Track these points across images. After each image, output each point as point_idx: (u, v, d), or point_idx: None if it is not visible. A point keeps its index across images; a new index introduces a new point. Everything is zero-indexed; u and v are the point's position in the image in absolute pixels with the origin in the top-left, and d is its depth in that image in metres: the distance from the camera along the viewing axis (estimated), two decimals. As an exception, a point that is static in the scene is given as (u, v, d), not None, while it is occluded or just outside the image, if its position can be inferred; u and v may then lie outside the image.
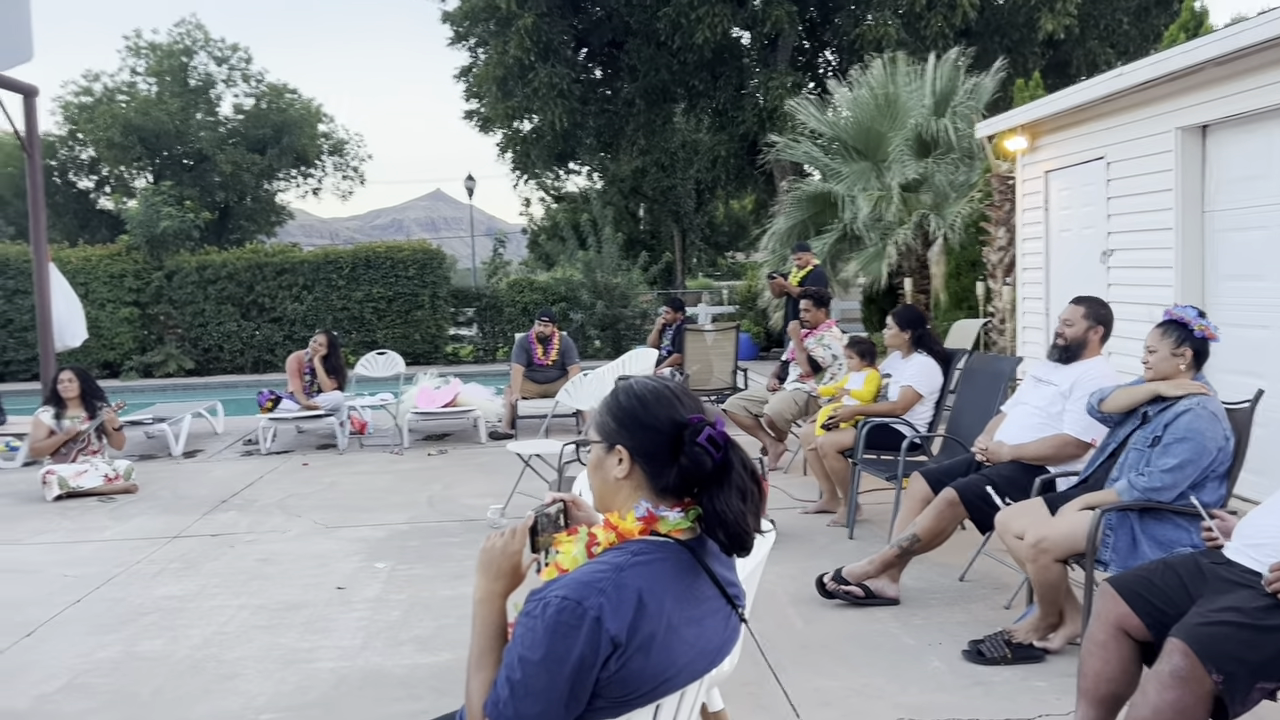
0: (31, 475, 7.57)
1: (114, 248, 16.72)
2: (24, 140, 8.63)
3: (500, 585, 1.74)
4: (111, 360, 15.96)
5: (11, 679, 3.73)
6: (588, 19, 20.86)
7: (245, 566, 5.16)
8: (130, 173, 27.06)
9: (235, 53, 26.78)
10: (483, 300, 17.61)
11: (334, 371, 8.92)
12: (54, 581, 4.96)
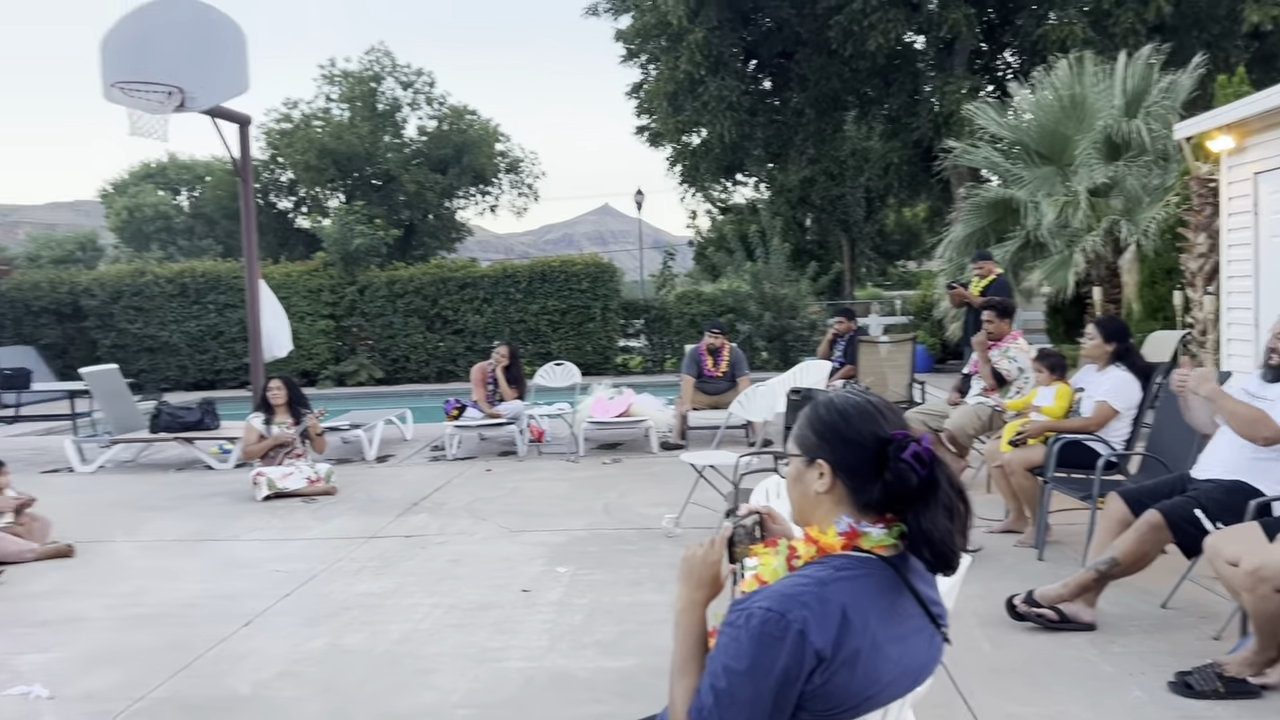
0: (243, 476, 8.18)
1: (311, 264, 17.89)
2: (238, 165, 9.36)
3: (701, 594, 1.78)
4: (309, 369, 17.03)
5: (234, 665, 4.05)
6: (757, 31, 20.86)
7: (437, 567, 5.41)
8: (324, 193, 28.82)
9: (420, 77, 28.12)
10: (651, 312, 17.85)
11: (515, 381, 9.25)
12: (266, 576, 5.35)
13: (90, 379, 9.29)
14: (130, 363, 16.57)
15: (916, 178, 22.48)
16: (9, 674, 3.99)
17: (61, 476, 8.73)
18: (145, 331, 17.52)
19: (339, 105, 27.76)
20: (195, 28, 8.16)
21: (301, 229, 29.07)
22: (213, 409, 9.15)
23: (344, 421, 9.50)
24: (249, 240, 9.57)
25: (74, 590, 5.17)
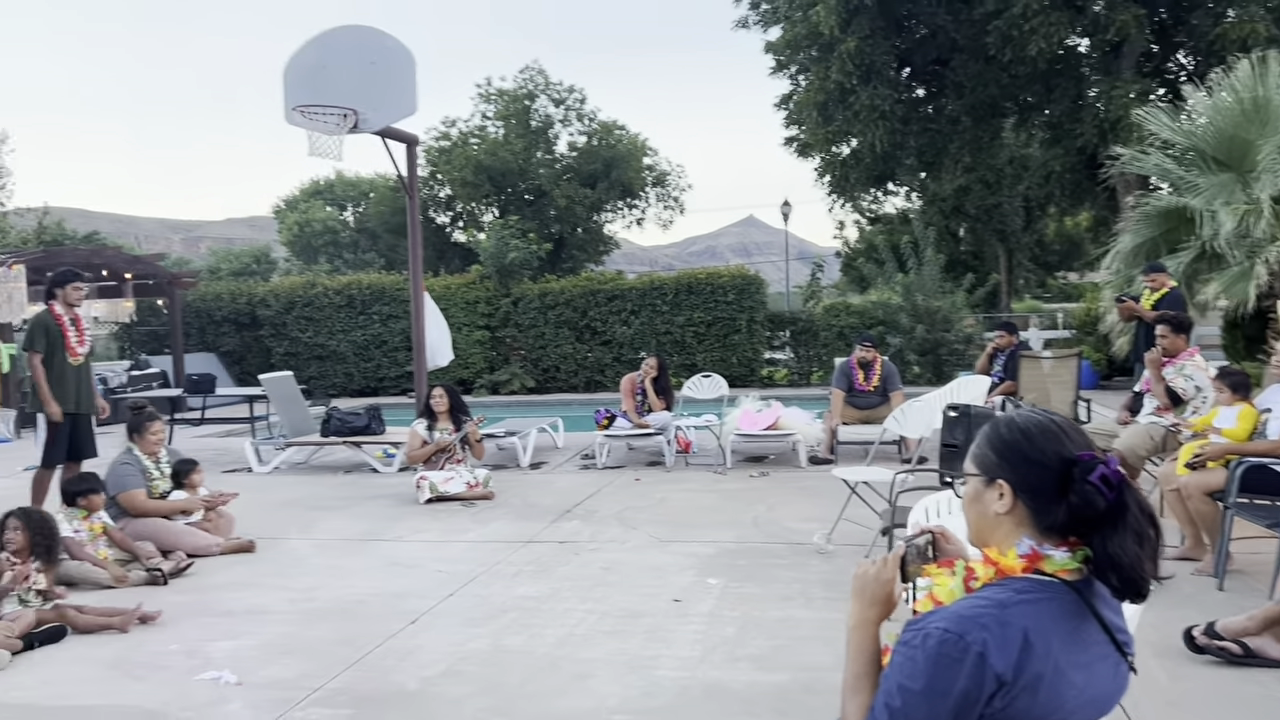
0: (406, 479, 8.55)
1: (469, 276, 18.54)
2: (405, 183, 9.81)
3: (874, 612, 1.78)
4: (465, 378, 17.63)
5: (402, 661, 4.24)
6: (911, 39, 20.45)
7: (590, 573, 5.53)
8: (479, 208, 29.82)
9: (571, 94, 28.78)
10: (798, 324, 17.70)
11: (663, 392, 9.35)
12: (430, 576, 5.58)
13: (268, 385, 9.90)
14: (301, 370, 17.54)
15: (1080, 186, 21.54)
16: (201, 659, 4.30)
17: (241, 476, 9.33)
18: (315, 340, 18.51)
19: (494, 123, 28.67)
20: (369, 53, 8.62)
21: (458, 243, 30.15)
22: (379, 415, 9.59)
23: (500, 429, 9.80)
24: (414, 254, 10.00)
25: (256, 584, 5.53)
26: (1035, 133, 21.78)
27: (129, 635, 4.65)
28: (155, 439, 6.41)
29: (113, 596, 5.22)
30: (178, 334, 16.97)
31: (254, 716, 3.68)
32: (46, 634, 4.56)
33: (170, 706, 3.80)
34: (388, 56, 8.62)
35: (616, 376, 17.39)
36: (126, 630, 4.66)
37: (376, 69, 8.56)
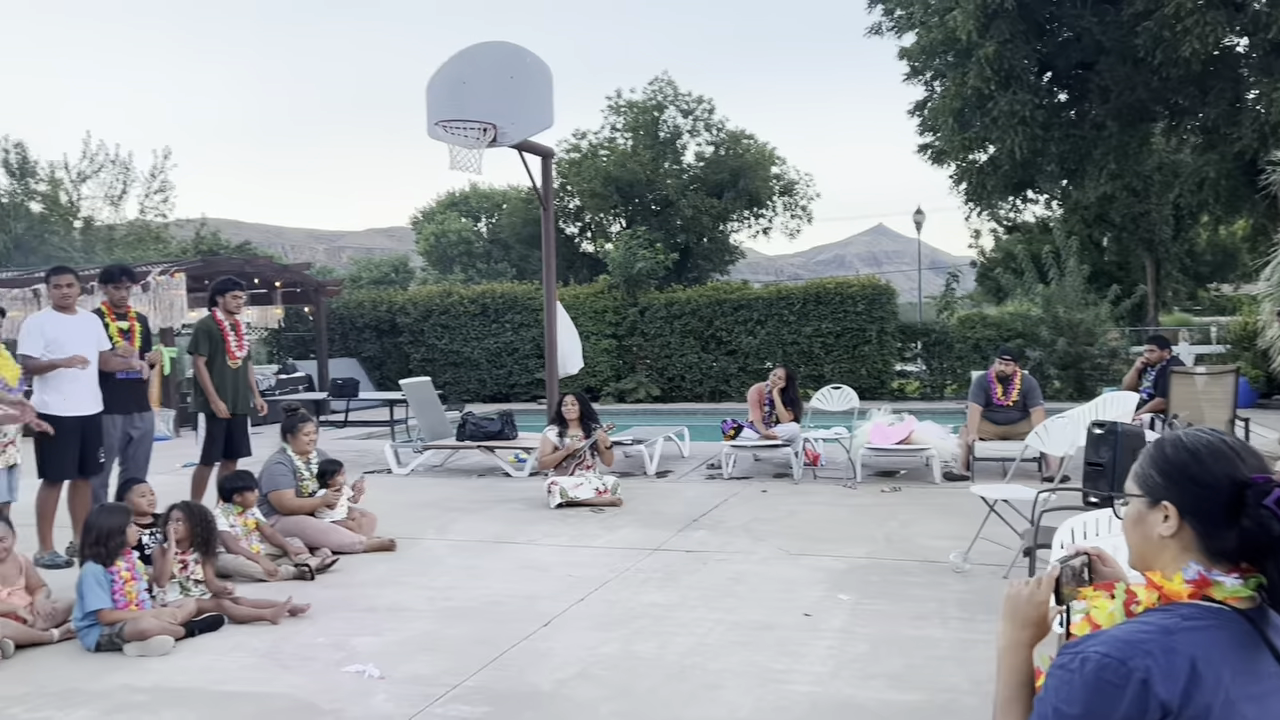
0: (537, 484, 8.72)
1: (597, 286, 18.80)
2: (540, 194, 10.03)
3: (1026, 634, 1.73)
4: (592, 385, 17.87)
5: (536, 662, 4.33)
6: (1053, 42, 19.73)
7: (718, 583, 5.53)
8: (607, 219, 30.22)
9: (700, 104, 28.89)
10: (931, 335, 17.29)
11: (791, 404, 9.28)
12: (561, 580, 5.68)
13: (408, 390, 10.25)
14: (436, 375, 18.09)
15: (1236, 193, 20.34)
16: (347, 653, 4.49)
17: (381, 477, 9.68)
18: (450, 347, 19.09)
19: (623, 135, 29.02)
20: (509, 68, 8.87)
21: (586, 253, 30.61)
22: (511, 420, 9.82)
23: (627, 437, 9.89)
24: (548, 264, 10.21)
25: (397, 581, 5.73)
26: (1187, 137, 20.71)
27: (280, 627, 4.88)
28: (307, 440, 6.73)
29: (264, 589, 5.50)
30: (322, 340, 17.77)
31: (396, 710, 3.82)
32: (206, 622, 4.83)
33: (319, 697, 3.97)
34: (526, 71, 8.85)
35: (742, 386, 17.35)
36: (277, 622, 4.91)
37: (516, 84, 8.79)
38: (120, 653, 4.50)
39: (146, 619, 4.57)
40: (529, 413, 14.91)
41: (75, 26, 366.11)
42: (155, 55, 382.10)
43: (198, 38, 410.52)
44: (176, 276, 13.49)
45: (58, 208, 26.84)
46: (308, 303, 18.46)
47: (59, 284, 6.39)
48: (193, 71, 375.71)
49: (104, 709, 3.89)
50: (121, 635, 4.51)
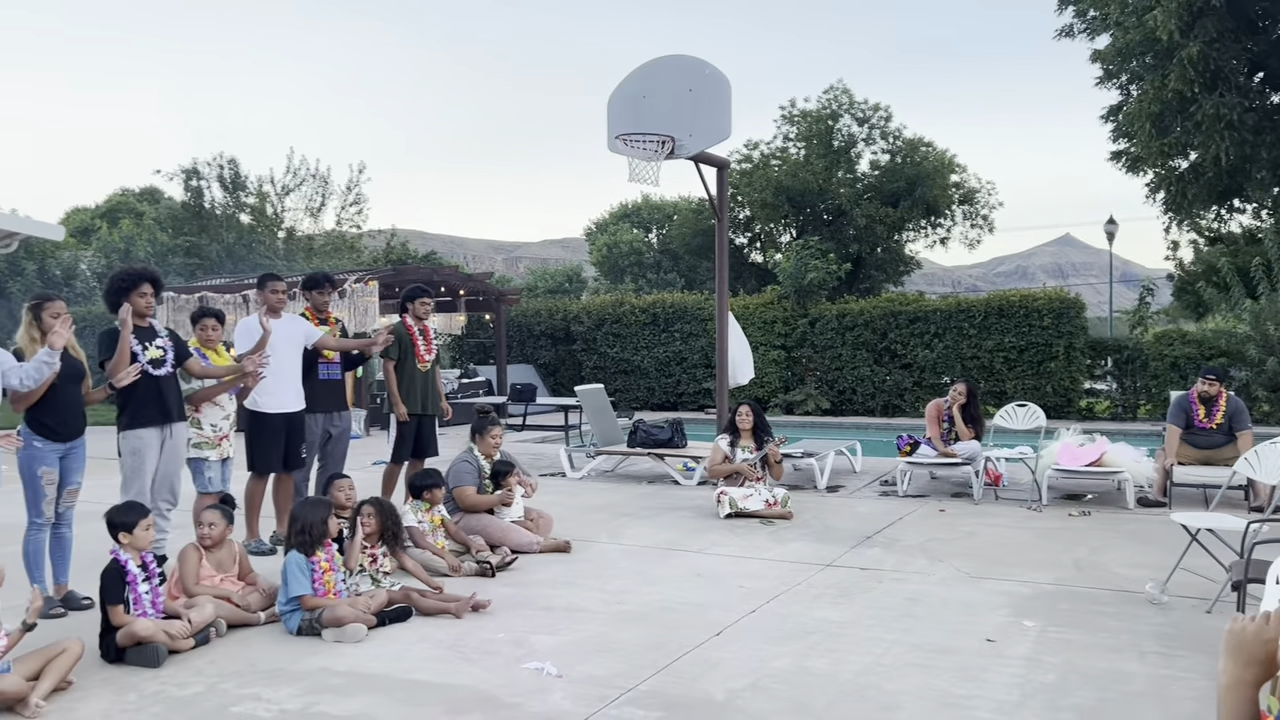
0: (706, 493, 8.76)
1: (766, 296, 18.71)
2: (715, 206, 10.08)
3: (1251, 673, 1.62)
4: (760, 397, 17.79)
5: (708, 671, 4.35)
6: (1266, 40, 18.34)
7: (893, 603, 5.39)
8: (777, 229, 30.03)
9: (876, 112, 28.32)
10: (1123, 352, 16.32)
11: (972, 421, 8.96)
12: (732, 590, 5.68)
13: (582, 396, 10.50)
14: (607, 383, 18.46)
15: None
16: (526, 650, 4.63)
17: (555, 480, 9.94)
18: (621, 355, 19.42)
19: (796, 144, 28.79)
20: (689, 81, 8.98)
21: (755, 263, 30.50)
22: (681, 428, 9.90)
23: (797, 449, 9.79)
24: (721, 275, 10.24)
25: (572, 583, 5.87)
26: None
27: (463, 621, 5.09)
28: (494, 442, 7.01)
29: (447, 584, 5.73)
30: (502, 346, 18.41)
31: (574, 708, 3.91)
32: (395, 613, 5.09)
33: (500, 690, 4.12)
34: (705, 84, 8.92)
35: (916, 401, 16.89)
36: (461, 616, 5.11)
37: (695, 96, 8.88)
38: (319, 637, 4.80)
39: (343, 607, 4.85)
40: (696, 422, 14.98)
41: (282, 52, 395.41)
42: (353, 77, 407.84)
43: (391, 62, 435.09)
44: (370, 284, 14.28)
45: (264, 219, 28.90)
46: (489, 310, 19.18)
47: (274, 289, 6.90)
48: (385, 93, 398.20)
49: (305, 689, 4.15)
50: (320, 621, 4.81)
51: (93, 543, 6.36)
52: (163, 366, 5.83)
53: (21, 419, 5.26)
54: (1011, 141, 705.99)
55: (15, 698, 3.82)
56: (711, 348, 18.25)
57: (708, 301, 19.04)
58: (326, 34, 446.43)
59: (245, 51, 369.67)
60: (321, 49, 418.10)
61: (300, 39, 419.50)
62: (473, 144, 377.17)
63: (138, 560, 4.59)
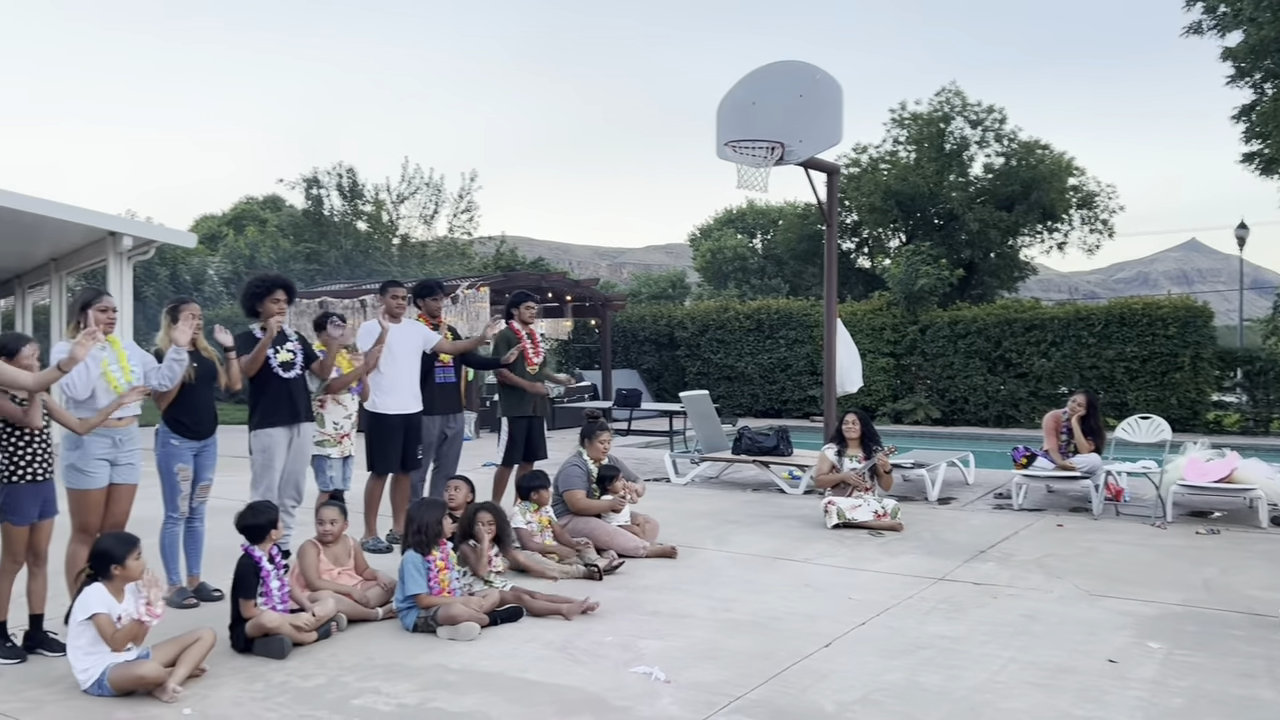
0: (811, 502, 8.68)
1: (875, 303, 18.42)
2: (824, 211, 9.98)
3: None
4: (868, 405, 17.51)
5: (817, 682, 4.31)
6: None
7: (1009, 619, 5.25)
8: (886, 234, 29.54)
9: (990, 114, 27.60)
10: (1255, 363, 15.52)
11: (1092, 433, 8.65)
12: (840, 602, 5.61)
13: (687, 402, 10.52)
14: (711, 389, 18.43)
15: None
16: (634, 654, 4.67)
17: (660, 485, 9.98)
18: (725, 361, 19.37)
19: (906, 148, 28.29)
20: (799, 86, 8.92)
21: (862, 269, 30.07)
22: (787, 436, 9.82)
23: (907, 460, 9.62)
24: (830, 281, 10.14)
25: (679, 589, 5.89)
26: None
27: (572, 623, 5.16)
28: (603, 446, 7.09)
29: (554, 585, 5.82)
30: (607, 351, 18.59)
31: (681, 713, 3.93)
32: (506, 613, 5.19)
33: (609, 693, 4.16)
34: (816, 89, 8.86)
35: (1031, 412, 16.39)
36: (570, 618, 5.19)
37: (805, 102, 8.83)
38: (434, 634, 4.93)
39: (457, 605, 4.97)
40: (801, 430, 14.84)
41: (400, 62, 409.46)
42: (464, 88, 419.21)
43: (499, 72, 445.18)
44: (481, 290, 14.60)
45: (380, 226, 29.80)
46: (594, 316, 19.38)
47: (395, 295, 7.12)
48: (492, 100, 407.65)
49: (421, 684, 4.27)
50: (435, 619, 4.94)
51: (222, 537, 6.68)
52: (292, 369, 6.09)
53: (160, 417, 5.55)
54: (1134, 143, 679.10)
55: (155, 682, 4.03)
56: (817, 354, 18.06)
57: (814, 307, 18.86)
58: (443, 42, 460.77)
59: (364, 64, 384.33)
60: (439, 58, 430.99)
61: (417, 50, 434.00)
62: (578, 150, 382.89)
63: (268, 554, 4.79)
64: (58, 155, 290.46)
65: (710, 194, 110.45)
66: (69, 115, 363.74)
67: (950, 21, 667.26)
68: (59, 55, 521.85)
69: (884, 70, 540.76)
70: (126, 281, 12.37)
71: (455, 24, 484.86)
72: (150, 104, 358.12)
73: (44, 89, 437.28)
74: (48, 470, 4.66)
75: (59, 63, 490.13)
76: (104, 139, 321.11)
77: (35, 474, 4.60)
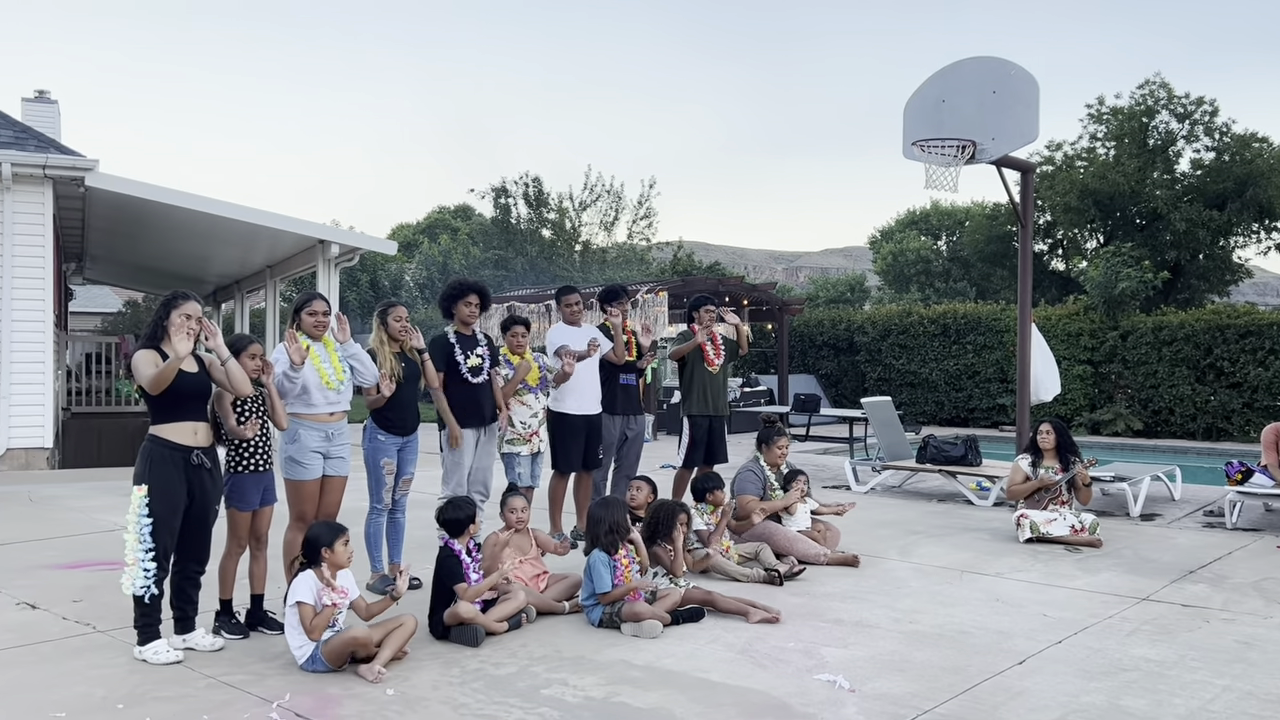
0: (1002, 515, 8.34)
1: (1071, 307, 17.52)
2: (1019, 212, 9.58)
3: None
4: (1062, 415, 16.68)
5: (1010, 700, 4.15)
6: None
7: (1223, 645, 4.90)
8: (1082, 235, 28.02)
9: (1199, 107, 25.76)
10: None
11: (1319, 449, 7.94)
12: (1034, 619, 5.37)
13: (869, 408, 10.31)
14: (893, 395, 18.00)
15: None
16: (816, 661, 4.62)
17: (839, 493, 9.83)
18: (908, 368, 18.87)
19: (1104, 144, 26.77)
20: (991, 82, 8.60)
21: (1055, 271, 28.64)
22: (975, 446, 9.48)
23: (1106, 473, 9.11)
24: (1024, 284, 9.72)
25: (861, 598, 5.79)
26: None
27: (752, 627, 5.16)
28: (780, 452, 7.06)
29: (734, 589, 5.83)
30: (784, 356, 18.44)
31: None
32: (689, 612, 5.25)
33: (792, 699, 4.14)
34: (1010, 84, 8.51)
35: (1246, 424, 15.19)
36: (752, 621, 5.19)
37: (998, 98, 8.50)
38: (618, 630, 5.04)
39: (641, 604, 5.06)
40: (989, 439, 14.28)
41: (578, 71, 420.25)
42: (640, 93, 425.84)
43: (674, 75, 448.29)
44: (660, 294, 14.79)
45: (563, 233, 30.65)
46: (771, 320, 19.28)
47: (568, 302, 7.34)
48: (667, 104, 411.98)
49: (607, 679, 4.38)
50: (620, 615, 5.05)
51: (420, 529, 7.05)
52: (480, 374, 6.36)
53: (368, 414, 5.91)
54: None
55: (365, 643, 4.31)
56: (1007, 361, 17.34)
57: (1004, 312, 18.11)
58: (617, 53, 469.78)
59: (540, 73, 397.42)
60: (612, 67, 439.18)
61: (591, 60, 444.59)
62: (752, 153, 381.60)
63: (466, 547, 5.03)
64: (251, 165, 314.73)
65: (892, 195, 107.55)
66: (254, 124, 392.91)
67: (1152, 8, 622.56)
68: (254, 67, 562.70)
69: (1077, 64, 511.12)
70: (334, 286, 13.23)
71: (628, 29, 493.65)
72: (334, 113, 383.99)
73: (232, 97, 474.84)
74: (268, 461, 5.05)
75: (250, 75, 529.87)
76: (290, 148, 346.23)
77: (257, 464, 4.99)
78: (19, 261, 11.12)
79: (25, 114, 16.31)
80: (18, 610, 5.43)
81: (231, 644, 4.84)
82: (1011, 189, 9.34)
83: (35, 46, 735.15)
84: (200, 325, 4.57)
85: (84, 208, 12.85)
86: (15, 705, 4.01)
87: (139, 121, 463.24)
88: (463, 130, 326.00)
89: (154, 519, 4.47)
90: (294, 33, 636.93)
